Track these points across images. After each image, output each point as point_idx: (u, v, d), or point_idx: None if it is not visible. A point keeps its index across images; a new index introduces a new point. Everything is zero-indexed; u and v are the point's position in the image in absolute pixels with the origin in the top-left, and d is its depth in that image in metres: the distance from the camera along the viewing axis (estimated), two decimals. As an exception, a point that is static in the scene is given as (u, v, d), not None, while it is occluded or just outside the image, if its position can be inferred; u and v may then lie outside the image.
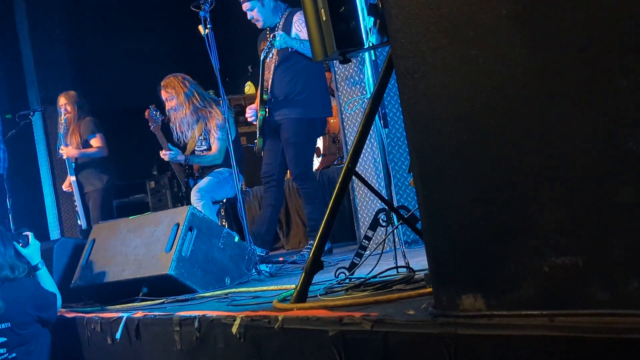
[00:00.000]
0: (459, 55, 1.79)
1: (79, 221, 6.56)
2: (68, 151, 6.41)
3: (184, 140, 5.72)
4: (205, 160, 5.62)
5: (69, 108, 6.54)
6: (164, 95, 5.66)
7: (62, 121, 6.39)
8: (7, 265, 3.77)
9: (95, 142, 6.54)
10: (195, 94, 5.60)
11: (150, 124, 5.71)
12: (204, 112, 5.60)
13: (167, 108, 5.68)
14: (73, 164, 6.46)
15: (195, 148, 5.70)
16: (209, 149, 5.63)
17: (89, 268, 4.33)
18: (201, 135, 5.65)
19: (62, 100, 6.58)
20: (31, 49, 8.37)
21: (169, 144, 5.64)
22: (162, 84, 5.66)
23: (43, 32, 8.68)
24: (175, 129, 5.70)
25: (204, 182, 5.55)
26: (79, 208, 6.46)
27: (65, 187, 6.69)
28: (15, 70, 8.60)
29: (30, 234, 4.03)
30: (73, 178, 6.40)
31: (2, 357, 3.68)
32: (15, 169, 6.06)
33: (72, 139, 6.47)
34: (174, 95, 5.59)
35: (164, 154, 5.62)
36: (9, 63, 8.56)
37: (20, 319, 3.75)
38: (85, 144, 6.51)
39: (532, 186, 1.65)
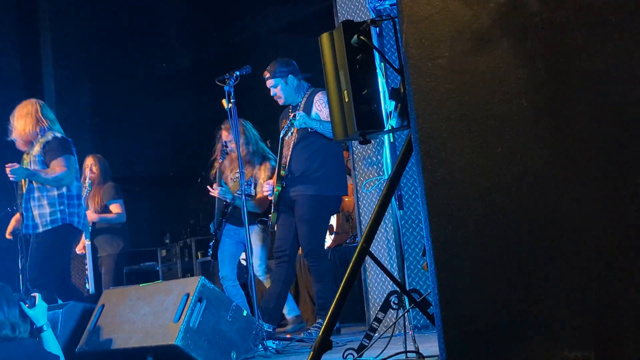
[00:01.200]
0: (479, 143, 1.82)
1: (87, 285, 6.55)
2: (88, 215, 6.46)
3: (216, 176, 5.83)
4: (249, 206, 5.63)
5: (94, 169, 6.63)
6: (224, 136, 5.78)
7: (87, 185, 6.47)
8: (8, 324, 3.74)
9: (115, 208, 6.61)
10: (250, 145, 5.74)
11: (218, 156, 5.83)
12: (253, 162, 5.74)
13: (227, 147, 5.82)
14: (90, 228, 6.49)
15: (238, 191, 5.78)
16: (251, 195, 5.70)
17: (96, 333, 4.30)
18: (247, 180, 5.71)
19: (88, 161, 6.69)
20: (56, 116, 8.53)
21: (221, 180, 5.73)
22: (223, 126, 5.78)
23: (69, 96, 8.87)
24: (222, 164, 5.82)
25: (260, 250, 5.68)
26: (89, 272, 6.46)
27: (78, 249, 6.71)
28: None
29: (38, 295, 4.03)
30: (88, 242, 6.42)
31: None
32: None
33: (93, 202, 6.54)
34: (233, 139, 5.70)
35: (215, 188, 5.73)
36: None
37: None
38: (105, 209, 6.58)
39: (546, 278, 1.65)
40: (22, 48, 9.77)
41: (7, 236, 6.08)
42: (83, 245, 6.54)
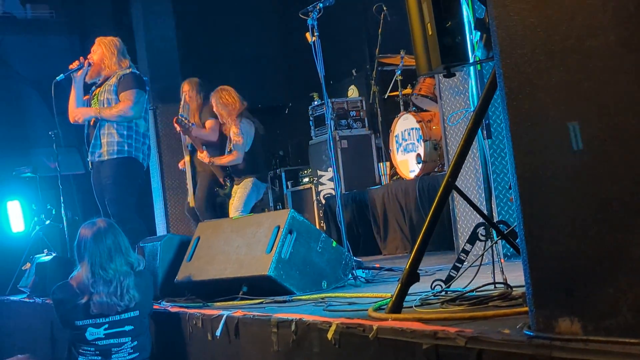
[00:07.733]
0: (564, 79, 1.79)
1: (188, 198, 6.76)
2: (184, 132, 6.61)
3: None
4: None
5: (192, 95, 6.76)
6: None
7: (184, 106, 6.64)
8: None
9: (209, 123, 6.68)
10: None
11: None
12: None
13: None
14: (189, 145, 6.67)
15: None
16: None
17: (192, 265, 4.49)
18: None
19: (186, 87, 6.82)
20: (145, 49, 8.70)
21: None
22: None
23: (157, 30, 9.01)
24: None
25: None
26: (190, 186, 6.67)
27: (181, 165, 6.93)
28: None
29: None
30: (188, 158, 6.63)
31: (125, 345, 3.90)
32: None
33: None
34: None
35: None
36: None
37: (145, 310, 4.01)
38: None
39: (634, 214, 1.63)
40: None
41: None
42: (184, 161, 6.75)
